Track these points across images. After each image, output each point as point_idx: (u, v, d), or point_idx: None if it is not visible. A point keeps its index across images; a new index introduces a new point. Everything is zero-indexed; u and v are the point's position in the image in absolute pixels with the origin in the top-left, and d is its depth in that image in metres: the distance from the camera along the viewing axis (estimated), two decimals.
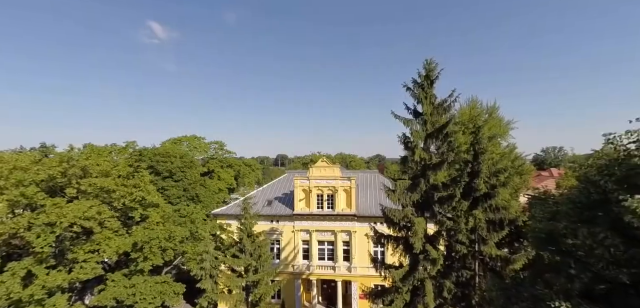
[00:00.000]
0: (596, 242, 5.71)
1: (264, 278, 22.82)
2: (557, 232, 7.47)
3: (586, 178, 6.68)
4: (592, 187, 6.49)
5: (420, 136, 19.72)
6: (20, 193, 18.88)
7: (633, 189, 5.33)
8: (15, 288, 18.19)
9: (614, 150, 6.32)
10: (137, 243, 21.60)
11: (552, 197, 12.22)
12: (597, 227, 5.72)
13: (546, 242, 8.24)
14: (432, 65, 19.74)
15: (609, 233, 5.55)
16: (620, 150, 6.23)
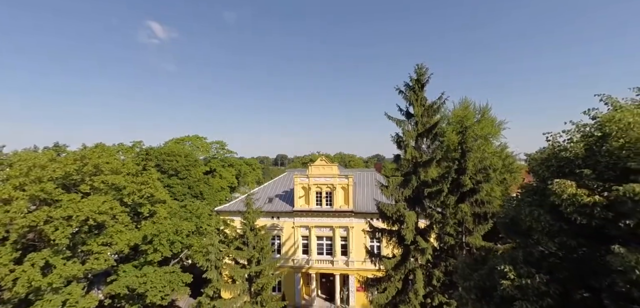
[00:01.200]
0: (535, 220, 7.14)
1: (266, 269, 24.26)
2: (517, 218, 8.95)
3: (533, 170, 8.15)
4: (536, 177, 7.96)
5: (411, 136, 21.23)
6: (40, 189, 20.31)
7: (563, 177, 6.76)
8: (36, 276, 19.59)
9: (551, 146, 7.80)
10: (147, 237, 23.03)
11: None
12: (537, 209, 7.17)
13: (510, 226, 9.71)
14: (422, 69, 21.25)
15: (542, 211, 6.98)
16: (555, 146, 7.69)
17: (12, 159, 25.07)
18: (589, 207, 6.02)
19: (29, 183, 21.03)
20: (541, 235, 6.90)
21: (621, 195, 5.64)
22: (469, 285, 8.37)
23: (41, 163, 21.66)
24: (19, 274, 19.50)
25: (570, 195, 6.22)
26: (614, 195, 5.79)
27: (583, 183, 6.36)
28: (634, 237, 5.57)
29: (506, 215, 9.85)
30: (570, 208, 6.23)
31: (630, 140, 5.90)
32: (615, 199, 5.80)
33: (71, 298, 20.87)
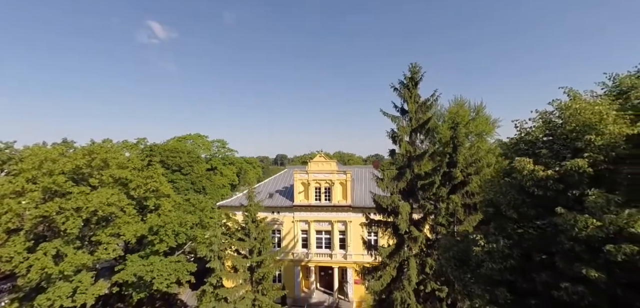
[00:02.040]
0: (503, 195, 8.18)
1: (266, 259, 25.33)
2: (494, 198, 10.00)
3: (505, 155, 9.20)
4: (508, 159, 9.00)
5: (405, 131, 22.28)
6: (52, 181, 21.35)
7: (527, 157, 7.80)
8: (48, 264, 20.64)
9: (519, 132, 8.84)
10: (153, 228, 24.07)
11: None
12: (507, 186, 8.20)
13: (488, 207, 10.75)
14: (416, 68, 22.32)
15: (510, 187, 8.02)
16: (522, 132, 8.74)
17: (23, 154, 26.14)
18: (544, 180, 7.05)
19: (41, 176, 22.06)
20: (508, 208, 7.94)
21: (569, 169, 6.67)
22: (448, 255, 9.40)
23: (52, 157, 22.72)
24: (33, 262, 20.54)
25: (529, 170, 7.25)
26: (564, 170, 6.82)
27: (541, 160, 7.40)
28: (578, 204, 6.58)
29: (485, 197, 10.89)
30: (530, 183, 7.27)
31: (578, 124, 6.93)
32: (565, 173, 6.83)
33: (81, 286, 21.92)
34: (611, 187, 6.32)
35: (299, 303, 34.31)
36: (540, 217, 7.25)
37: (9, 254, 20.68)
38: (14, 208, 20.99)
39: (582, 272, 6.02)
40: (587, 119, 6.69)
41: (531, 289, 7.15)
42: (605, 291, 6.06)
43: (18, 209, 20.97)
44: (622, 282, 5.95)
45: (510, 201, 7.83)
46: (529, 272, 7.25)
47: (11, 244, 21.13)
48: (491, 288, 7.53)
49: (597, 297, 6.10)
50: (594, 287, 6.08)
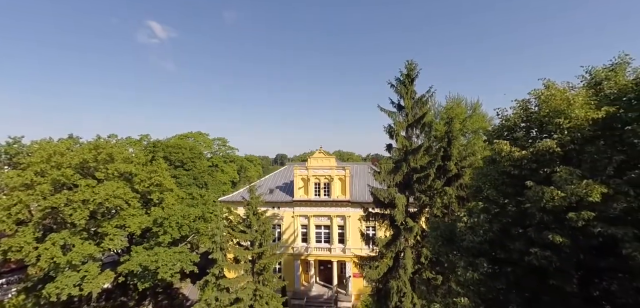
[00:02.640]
0: (485, 176, 8.94)
1: (267, 250, 26.10)
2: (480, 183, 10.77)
3: (489, 141, 9.97)
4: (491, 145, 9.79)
5: (402, 126, 23.04)
6: (61, 174, 22.12)
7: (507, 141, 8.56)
8: (57, 254, 21.41)
9: (501, 119, 9.59)
10: (157, 220, 24.84)
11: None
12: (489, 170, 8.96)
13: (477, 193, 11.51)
14: (412, 65, 23.06)
15: (492, 171, 8.78)
16: (503, 119, 9.50)
17: (31, 148, 26.93)
18: (519, 160, 7.80)
19: (49, 169, 22.82)
20: (489, 187, 8.70)
21: (541, 149, 7.41)
22: (436, 234, 10.15)
23: (60, 151, 23.50)
24: (42, 251, 21.30)
25: (506, 152, 8.00)
26: (537, 150, 7.56)
27: (518, 143, 8.15)
28: (548, 181, 7.29)
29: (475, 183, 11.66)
30: (507, 163, 8.01)
31: (550, 109, 7.67)
32: (537, 153, 7.57)
33: (88, 275, 22.70)
34: (578, 164, 7.07)
35: (299, 296, 35.07)
36: (517, 194, 7.99)
37: (19, 244, 21.44)
38: (23, 200, 21.74)
39: (549, 239, 6.77)
40: (557, 104, 7.43)
41: (507, 258, 7.89)
42: (570, 256, 6.80)
43: (28, 201, 21.71)
44: (583, 247, 6.69)
45: (492, 181, 8.59)
46: (506, 243, 7.99)
47: (21, 234, 21.88)
48: (472, 259, 8.29)
49: (563, 261, 6.84)
50: (560, 252, 6.82)
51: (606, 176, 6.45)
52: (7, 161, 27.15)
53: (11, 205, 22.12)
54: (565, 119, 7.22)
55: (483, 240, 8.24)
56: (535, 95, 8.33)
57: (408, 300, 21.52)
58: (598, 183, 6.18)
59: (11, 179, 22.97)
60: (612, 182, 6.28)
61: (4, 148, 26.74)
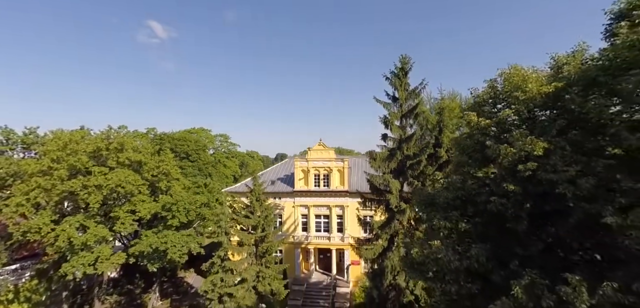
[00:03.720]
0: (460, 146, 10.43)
1: (269, 234, 27.65)
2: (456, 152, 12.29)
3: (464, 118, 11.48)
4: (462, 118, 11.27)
5: (396, 116, 24.60)
6: (77, 160, 23.64)
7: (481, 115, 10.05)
8: (74, 234, 22.93)
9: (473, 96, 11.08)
10: (166, 205, 26.36)
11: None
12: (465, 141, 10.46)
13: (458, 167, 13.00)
14: (406, 59, 24.62)
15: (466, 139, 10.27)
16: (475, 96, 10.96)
17: (44, 139, 28.46)
18: (485, 128, 9.29)
19: (65, 156, 24.34)
20: (462, 154, 10.21)
21: (501, 118, 8.90)
22: (419, 199, 11.62)
23: (75, 139, 25.02)
24: (60, 232, 22.82)
25: (475, 122, 9.49)
26: (498, 118, 9.04)
27: (485, 115, 9.63)
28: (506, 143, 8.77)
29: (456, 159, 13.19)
30: (475, 132, 9.50)
31: (511, 85, 9.13)
32: (499, 121, 9.05)
33: (102, 255, 24.20)
34: (531, 129, 8.56)
35: (299, 282, 36.53)
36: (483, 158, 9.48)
37: (38, 225, 22.95)
38: (42, 185, 23.24)
39: (504, 187, 8.23)
40: (516, 81, 8.90)
41: (475, 211, 9.35)
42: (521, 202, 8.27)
43: (46, 185, 23.20)
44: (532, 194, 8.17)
45: (463, 148, 10.09)
46: (474, 198, 9.46)
47: (39, 217, 23.39)
48: (446, 213, 9.74)
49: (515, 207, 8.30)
50: (514, 199, 8.30)
51: (551, 136, 7.91)
52: (24, 150, 28.67)
53: (30, 190, 23.62)
54: (521, 92, 8.69)
55: (455, 197, 9.71)
56: (501, 75, 9.81)
57: (402, 278, 23.03)
58: (541, 140, 7.65)
59: (29, 166, 24.54)
60: (553, 139, 7.74)
61: (21, 138, 28.26)
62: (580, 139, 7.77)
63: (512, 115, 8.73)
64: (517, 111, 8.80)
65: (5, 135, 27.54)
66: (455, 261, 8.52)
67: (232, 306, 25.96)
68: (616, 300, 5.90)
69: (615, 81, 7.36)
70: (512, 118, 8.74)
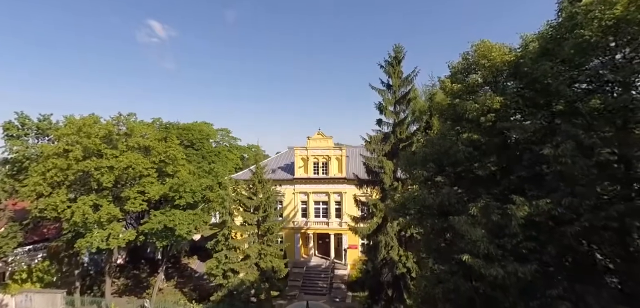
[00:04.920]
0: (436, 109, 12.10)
1: (271, 215, 29.30)
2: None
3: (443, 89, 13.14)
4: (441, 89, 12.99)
5: (390, 102, 26.26)
6: (91, 142, 25.26)
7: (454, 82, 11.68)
8: (89, 211, 24.54)
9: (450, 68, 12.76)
10: (173, 187, 27.98)
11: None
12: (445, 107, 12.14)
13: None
14: (399, 48, 26.30)
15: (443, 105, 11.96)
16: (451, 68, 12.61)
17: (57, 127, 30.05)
18: (457, 92, 10.90)
19: (79, 139, 25.95)
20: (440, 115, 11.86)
21: (470, 83, 10.51)
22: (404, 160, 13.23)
23: (89, 123, 26.65)
24: (75, 209, 24.43)
25: (449, 87, 11.10)
26: (467, 83, 10.65)
27: (457, 80, 11.24)
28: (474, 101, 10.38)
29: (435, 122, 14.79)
30: (449, 95, 11.12)
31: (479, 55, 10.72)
32: (468, 85, 10.66)
33: (114, 232, 25.82)
34: (494, 90, 10.20)
35: (299, 265, 38.19)
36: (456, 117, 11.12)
37: (55, 203, 24.55)
38: (58, 165, 24.84)
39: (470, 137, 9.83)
40: (483, 51, 10.51)
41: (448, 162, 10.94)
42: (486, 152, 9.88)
43: (61, 165, 24.79)
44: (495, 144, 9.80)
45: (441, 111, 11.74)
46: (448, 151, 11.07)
47: (56, 196, 24.99)
48: (424, 165, 11.34)
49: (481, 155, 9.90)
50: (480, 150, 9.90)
51: (509, 94, 9.53)
52: (38, 136, 30.25)
53: (46, 170, 25.22)
54: (487, 60, 10.30)
55: (433, 151, 11.29)
56: (472, 47, 11.43)
57: (394, 252, 24.69)
58: (498, 95, 9.27)
59: (46, 148, 26.18)
60: (509, 96, 9.35)
61: (36, 124, 29.84)
62: (532, 97, 9.39)
63: (479, 79, 10.34)
64: (483, 76, 10.41)
65: (21, 120, 29.11)
66: (430, 198, 10.16)
67: (235, 281, 27.64)
68: (546, 209, 7.49)
69: (559, 47, 9.01)
70: (479, 82, 10.36)
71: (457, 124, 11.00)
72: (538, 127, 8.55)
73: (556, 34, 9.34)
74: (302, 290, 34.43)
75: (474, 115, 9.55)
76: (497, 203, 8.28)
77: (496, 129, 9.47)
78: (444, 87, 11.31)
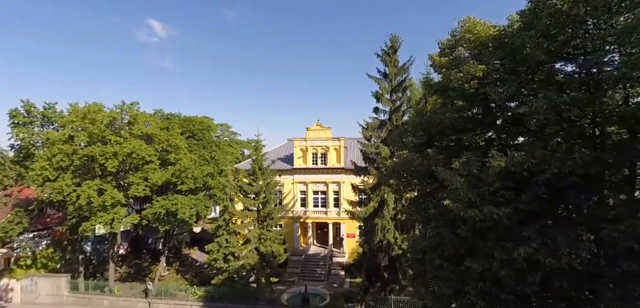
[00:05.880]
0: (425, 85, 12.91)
1: (270, 200, 30.07)
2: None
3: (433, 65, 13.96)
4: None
5: (387, 90, 27.03)
6: (96, 128, 25.99)
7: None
8: (93, 195, 25.26)
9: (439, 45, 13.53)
10: (175, 173, 28.73)
11: None
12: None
13: None
14: (395, 38, 27.06)
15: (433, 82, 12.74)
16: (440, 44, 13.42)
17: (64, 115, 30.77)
18: (444, 65, 11.69)
19: (84, 125, 26.68)
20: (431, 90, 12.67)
21: (456, 56, 11.29)
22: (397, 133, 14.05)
23: (93, 110, 27.38)
24: (81, 192, 25.15)
25: (437, 62, 11.89)
26: (453, 56, 11.44)
27: (445, 55, 12.04)
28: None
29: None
30: (437, 69, 11.91)
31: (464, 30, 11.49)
32: (454, 57, 11.44)
33: (117, 215, 26.56)
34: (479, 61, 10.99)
35: (298, 254, 38.95)
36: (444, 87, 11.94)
37: (61, 186, 25.28)
38: (64, 150, 25.57)
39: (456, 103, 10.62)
40: (468, 26, 11.30)
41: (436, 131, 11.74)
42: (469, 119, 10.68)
43: (67, 150, 25.52)
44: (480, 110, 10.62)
45: (430, 85, 12.55)
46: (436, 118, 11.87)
47: (61, 180, 25.72)
48: (414, 134, 12.12)
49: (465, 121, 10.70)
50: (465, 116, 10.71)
51: (491, 63, 10.33)
52: (43, 124, 30.98)
53: (52, 156, 25.95)
54: (472, 34, 11.09)
55: (422, 121, 12.08)
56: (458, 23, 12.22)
57: (390, 235, 25.48)
58: (480, 64, 10.06)
59: (52, 135, 26.93)
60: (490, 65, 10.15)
61: (41, 112, 30.57)
62: (512, 66, 10.19)
63: (464, 52, 11.13)
64: (468, 49, 11.20)
65: (26, 108, 29.83)
66: (418, 160, 10.93)
67: (236, 265, 28.41)
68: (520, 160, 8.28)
69: (537, 20, 9.80)
70: (464, 55, 11.14)
71: (444, 95, 11.79)
72: (516, 91, 9.35)
73: (535, 8, 10.13)
74: (301, 276, 35.19)
75: (458, 84, 10.32)
76: (476, 158, 9.06)
77: (479, 94, 10.26)
78: (433, 61, 12.09)
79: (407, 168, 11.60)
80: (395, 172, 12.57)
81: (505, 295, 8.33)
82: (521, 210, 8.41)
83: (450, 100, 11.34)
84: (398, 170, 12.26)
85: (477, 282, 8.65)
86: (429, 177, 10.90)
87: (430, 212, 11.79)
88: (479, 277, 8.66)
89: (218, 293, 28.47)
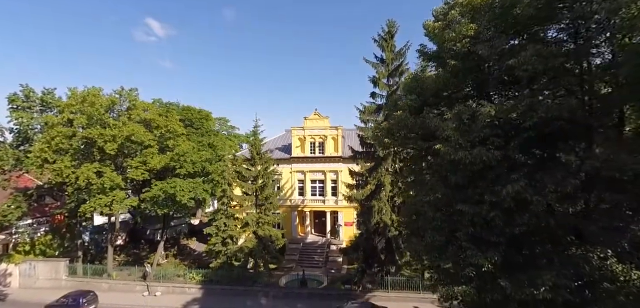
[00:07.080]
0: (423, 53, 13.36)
1: (268, 184, 30.31)
2: None
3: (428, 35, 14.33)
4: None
5: (383, 75, 27.36)
6: (95, 110, 26.15)
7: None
8: (92, 176, 25.41)
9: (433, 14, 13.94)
10: (174, 157, 28.91)
11: None
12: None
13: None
14: (392, 23, 27.39)
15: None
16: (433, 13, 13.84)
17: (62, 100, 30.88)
18: (438, 28, 12.03)
19: (84, 108, 26.83)
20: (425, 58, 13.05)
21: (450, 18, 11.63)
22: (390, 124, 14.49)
23: (93, 94, 27.54)
24: (80, 174, 25.30)
25: (431, 28, 12.22)
26: (447, 20, 11.77)
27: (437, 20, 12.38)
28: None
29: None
30: (431, 35, 12.26)
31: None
32: (448, 22, 11.78)
33: (116, 198, 26.71)
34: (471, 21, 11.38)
35: (296, 242, 39.18)
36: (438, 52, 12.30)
37: (60, 168, 25.42)
38: (63, 132, 25.71)
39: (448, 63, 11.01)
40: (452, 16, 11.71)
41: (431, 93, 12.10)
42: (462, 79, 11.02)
43: (67, 133, 25.66)
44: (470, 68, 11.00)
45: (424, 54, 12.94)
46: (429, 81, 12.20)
47: (60, 162, 25.84)
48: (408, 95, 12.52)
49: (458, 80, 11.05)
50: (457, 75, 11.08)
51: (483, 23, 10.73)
52: (42, 110, 31.06)
53: (51, 139, 26.06)
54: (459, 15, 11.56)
55: (416, 85, 12.41)
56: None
57: (387, 216, 25.80)
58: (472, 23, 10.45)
59: (51, 119, 27.07)
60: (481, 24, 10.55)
61: (40, 97, 30.66)
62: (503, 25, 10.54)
63: (457, 15, 11.47)
64: (461, 13, 11.55)
65: (25, 93, 29.92)
66: (411, 119, 11.25)
67: (234, 248, 28.63)
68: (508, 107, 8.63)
69: None
70: (457, 18, 11.49)
71: (438, 60, 12.13)
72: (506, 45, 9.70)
73: None
74: (299, 263, 35.39)
75: (451, 44, 10.66)
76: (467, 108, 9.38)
77: (471, 54, 10.60)
78: (427, 28, 12.43)
79: (401, 127, 11.91)
80: (390, 133, 12.89)
81: (495, 237, 8.64)
82: (510, 158, 8.73)
83: (444, 63, 11.66)
84: (392, 130, 12.58)
85: (468, 228, 8.96)
86: (423, 139, 11.22)
87: (424, 174, 12.10)
88: (470, 222, 8.97)
89: (216, 277, 28.66)
